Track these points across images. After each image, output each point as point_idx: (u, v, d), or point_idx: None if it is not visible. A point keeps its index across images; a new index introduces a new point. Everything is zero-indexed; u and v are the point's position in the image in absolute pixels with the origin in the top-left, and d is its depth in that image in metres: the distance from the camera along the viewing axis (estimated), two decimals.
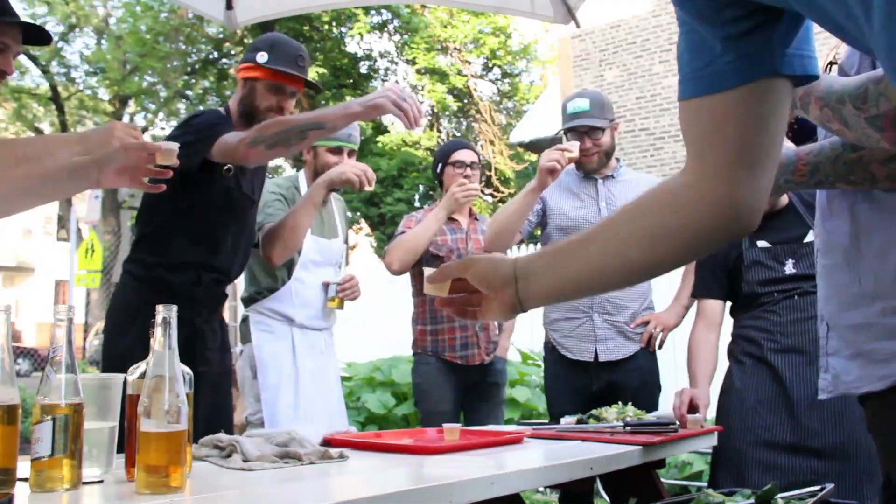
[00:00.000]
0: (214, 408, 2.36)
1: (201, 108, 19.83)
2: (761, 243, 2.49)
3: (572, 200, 2.95)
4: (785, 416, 2.33)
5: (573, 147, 2.72)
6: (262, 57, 2.41)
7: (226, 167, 2.35)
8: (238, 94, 2.48)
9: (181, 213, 2.32)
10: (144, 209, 2.41)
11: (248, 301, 2.92)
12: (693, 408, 2.40)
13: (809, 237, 2.42)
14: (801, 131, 2.08)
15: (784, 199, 2.50)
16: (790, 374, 2.36)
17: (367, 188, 2.72)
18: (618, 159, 3.05)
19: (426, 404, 3.27)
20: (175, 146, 1.83)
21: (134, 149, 1.77)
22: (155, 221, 2.37)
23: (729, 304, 2.60)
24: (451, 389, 3.24)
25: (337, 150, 2.92)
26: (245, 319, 2.95)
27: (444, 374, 3.25)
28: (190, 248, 2.34)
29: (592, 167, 2.94)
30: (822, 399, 1.47)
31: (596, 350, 2.81)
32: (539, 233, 3.11)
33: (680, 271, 3.02)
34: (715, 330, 2.58)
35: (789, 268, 2.44)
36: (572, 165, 2.97)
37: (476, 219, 3.45)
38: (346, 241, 3.15)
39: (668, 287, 2.99)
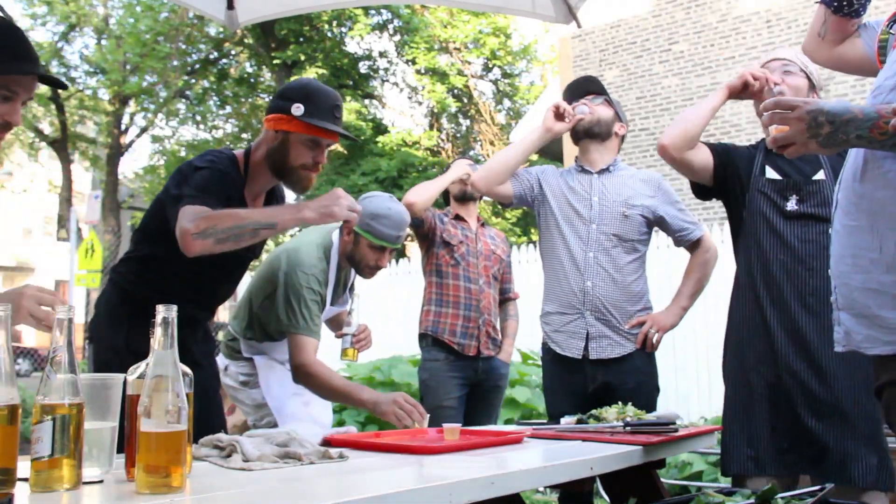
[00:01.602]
0: (203, 415, 2.33)
1: (200, 108, 19.84)
2: (770, 173, 2.41)
3: (567, 191, 2.93)
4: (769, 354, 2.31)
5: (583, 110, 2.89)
6: (297, 109, 2.18)
7: None
8: (266, 144, 2.25)
9: (171, 252, 2.11)
10: (140, 234, 2.34)
11: (240, 334, 2.85)
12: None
13: (819, 175, 2.36)
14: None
15: None
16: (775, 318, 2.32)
17: (413, 425, 2.38)
18: (615, 159, 3.02)
19: (432, 400, 3.33)
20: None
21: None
22: (145, 250, 2.30)
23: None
24: (456, 387, 3.33)
25: (380, 248, 2.75)
26: (234, 339, 2.87)
27: (449, 371, 3.35)
28: (176, 286, 2.23)
29: (583, 126, 2.94)
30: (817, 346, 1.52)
31: (586, 347, 2.78)
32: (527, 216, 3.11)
33: (680, 272, 3.01)
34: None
35: (791, 204, 2.36)
36: (572, 165, 3.02)
37: (483, 225, 3.62)
38: (353, 289, 3.06)
39: (668, 288, 2.99)
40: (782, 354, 2.27)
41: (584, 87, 3.04)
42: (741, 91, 2.41)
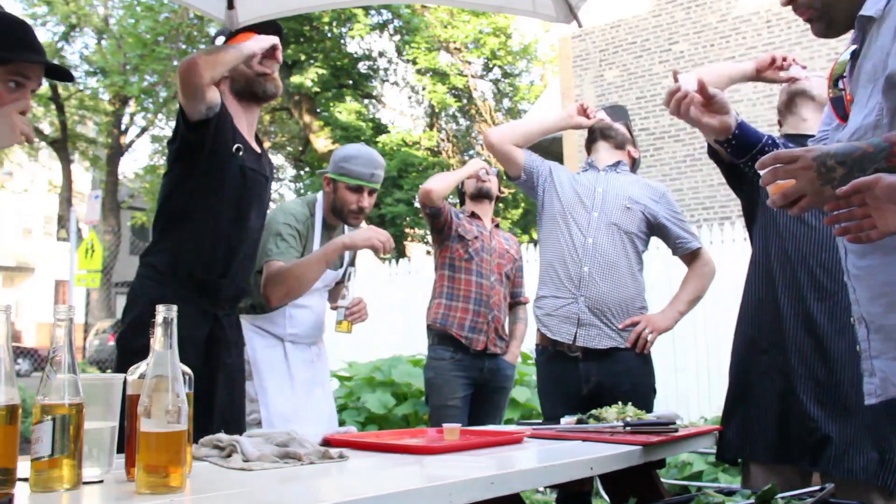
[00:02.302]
0: (231, 400, 2.35)
1: None
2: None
3: (574, 182, 2.97)
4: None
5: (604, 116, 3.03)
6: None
7: (235, 146, 2.34)
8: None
9: (203, 195, 2.29)
10: (166, 199, 2.36)
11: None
12: None
13: None
14: (739, 147, 2.04)
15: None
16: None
17: (385, 255, 2.83)
18: (619, 161, 3.03)
19: (437, 399, 3.34)
20: None
21: None
22: (177, 209, 2.32)
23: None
24: (462, 387, 3.34)
25: (357, 189, 2.91)
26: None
27: (455, 371, 3.35)
28: (217, 231, 2.30)
29: (600, 127, 3.04)
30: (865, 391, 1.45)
31: (575, 334, 2.76)
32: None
33: (678, 273, 3.01)
34: None
35: None
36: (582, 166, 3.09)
37: (497, 226, 3.67)
38: (353, 263, 3.12)
39: (668, 288, 2.99)
40: (791, 337, 2.25)
41: (609, 109, 3.17)
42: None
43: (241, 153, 2.36)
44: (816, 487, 1.68)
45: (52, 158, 22.03)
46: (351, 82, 18.40)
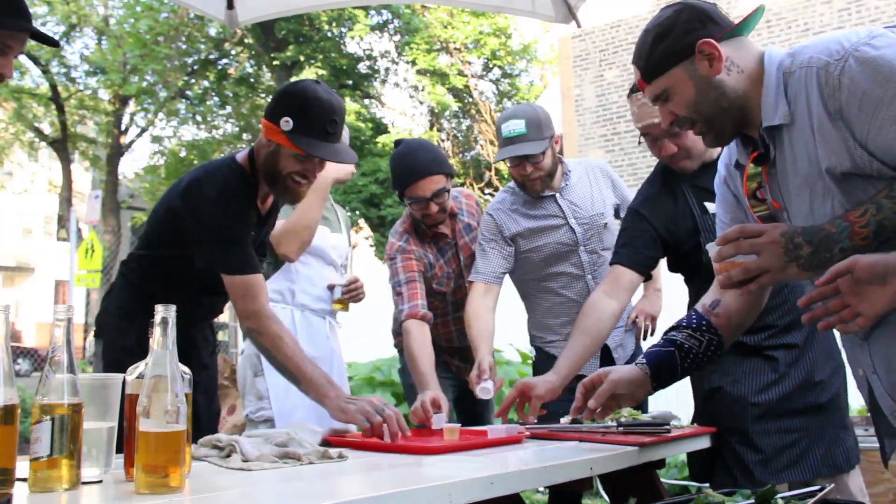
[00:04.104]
0: (205, 413, 2.34)
1: (200, 111, 19.80)
2: (710, 206, 2.25)
3: (541, 232, 2.71)
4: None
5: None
6: (286, 124, 2.09)
7: (251, 233, 2.28)
8: (264, 149, 2.18)
9: (182, 255, 2.21)
10: (150, 238, 2.32)
11: None
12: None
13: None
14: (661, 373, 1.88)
15: (714, 153, 2.27)
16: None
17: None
18: (562, 162, 2.78)
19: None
20: None
21: None
22: (155, 254, 2.29)
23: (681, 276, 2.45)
24: (448, 389, 3.22)
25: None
26: None
27: (441, 373, 3.20)
28: (187, 280, 2.24)
29: (536, 190, 2.69)
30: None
31: (602, 360, 2.69)
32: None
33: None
34: (623, 298, 2.38)
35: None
36: (512, 193, 2.77)
37: (452, 216, 2.91)
38: (349, 244, 3.13)
39: (665, 288, 2.98)
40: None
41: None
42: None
43: (251, 234, 2.26)
44: (816, 487, 1.67)
45: (52, 158, 22.03)
46: (350, 82, 18.40)
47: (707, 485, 2.41)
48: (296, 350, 2.09)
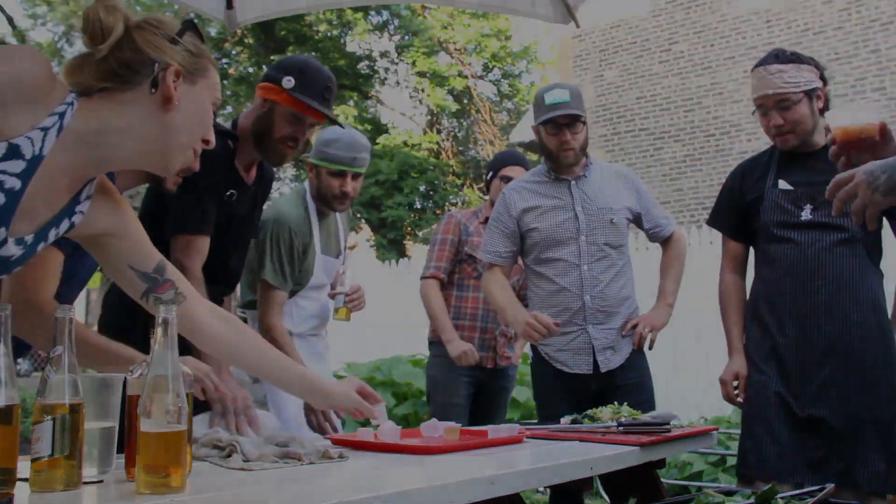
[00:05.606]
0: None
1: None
2: (782, 184, 2.41)
3: (547, 212, 2.81)
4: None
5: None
6: (288, 82, 2.23)
7: (228, 192, 2.28)
8: (254, 111, 2.31)
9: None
10: (147, 218, 2.23)
11: (248, 305, 2.88)
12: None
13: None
14: None
15: (820, 140, 2.39)
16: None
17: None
18: (587, 155, 2.89)
19: (439, 396, 3.33)
20: None
21: None
22: (159, 233, 2.27)
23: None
24: (465, 385, 3.32)
25: (339, 174, 2.76)
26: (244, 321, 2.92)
27: (458, 368, 3.30)
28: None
29: (569, 162, 2.80)
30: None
31: (595, 361, 2.72)
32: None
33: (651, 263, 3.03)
34: (742, 274, 2.58)
35: (806, 213, 2.35)
36: (540, 167, 2.93)
37: None
38: (343, 248, 3.08)
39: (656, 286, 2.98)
40: (792, 373, 2.32)
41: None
42: None
43: (233, 198, 2.28)
44: (816, 487, 1.68)
45: None
46: (350, 83, 18.40)
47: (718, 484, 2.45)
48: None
